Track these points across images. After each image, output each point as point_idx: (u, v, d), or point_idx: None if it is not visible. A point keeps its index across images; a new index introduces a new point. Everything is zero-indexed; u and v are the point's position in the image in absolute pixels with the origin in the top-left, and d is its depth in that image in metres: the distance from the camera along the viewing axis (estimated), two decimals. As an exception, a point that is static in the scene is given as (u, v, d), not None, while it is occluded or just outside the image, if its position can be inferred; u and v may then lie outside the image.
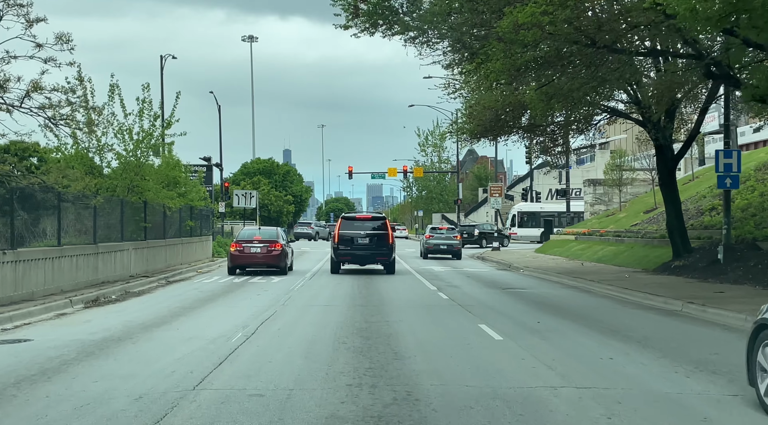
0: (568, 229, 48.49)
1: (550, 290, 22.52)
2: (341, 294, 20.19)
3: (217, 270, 31.00)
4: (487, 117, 25.50)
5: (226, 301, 18.75)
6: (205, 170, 46.24)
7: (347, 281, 25.44)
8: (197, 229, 34.02)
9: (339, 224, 29.40)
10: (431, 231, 47.62)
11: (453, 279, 26.79)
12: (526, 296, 20.26)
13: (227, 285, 23.53)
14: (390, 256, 29.00)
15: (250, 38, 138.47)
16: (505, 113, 25.03)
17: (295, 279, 26.11)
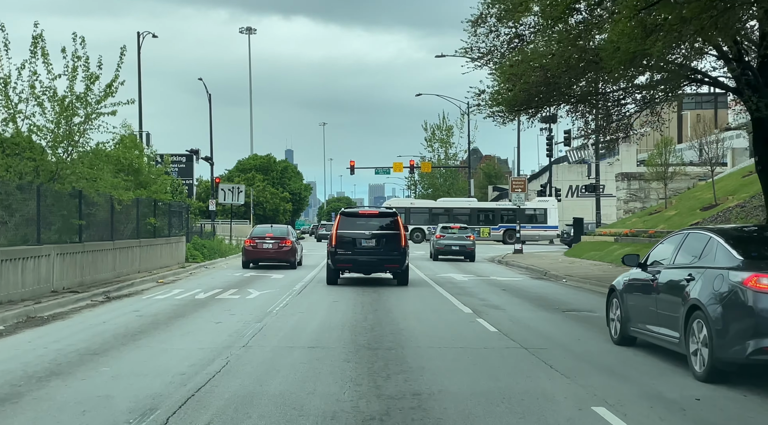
0: (604, 229, 42.14)
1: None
2: (337, 324, 13.86)
3: (184, 280, 24.69)
4: (534, 79, 19.14)
5: (160, 337, 12.40)
6: (184, 161, 39.97)
7: (347, 297, 19.14)
8: (164, 228, 27.73)
9: (337, 222, 23.08)
10: (442, 230, 41.60)
11: (486, 294, 20.46)
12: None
13: (182, 305, 17.22)
14: (402, 263, 22.70)
15: (248, 30, 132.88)
16: (559, 74, 18.64)
17: (280, 293, 19.83)
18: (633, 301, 11.13)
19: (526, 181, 47.08)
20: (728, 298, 8.64)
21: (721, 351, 8.57)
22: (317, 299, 18.79)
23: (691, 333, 9.14)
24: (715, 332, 8.62)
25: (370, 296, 19.37)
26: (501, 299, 19.00)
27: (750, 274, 8.48)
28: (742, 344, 8.38)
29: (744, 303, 8.43)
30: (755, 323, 8.28)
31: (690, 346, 9.17)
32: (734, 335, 8.47)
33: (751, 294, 8.36)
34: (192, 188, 40.20)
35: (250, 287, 21.69)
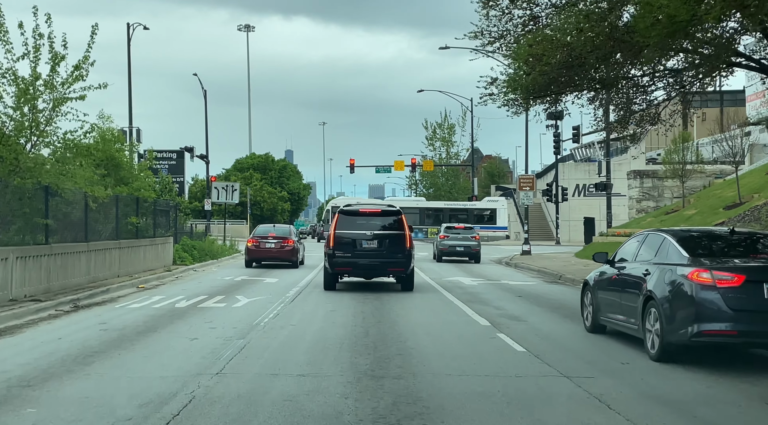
0: (618, 229, 40.03)
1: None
2: (333, 341, 11.72)
3: (168, 285, 22.56)
4: (556, 61, 17.02)
5: (119, 360, 10.26)
6: (174, 158, 37.84)
7: (345, 306, 17.02)
8: (148, 228, 25.60)
9: (335, 221, 20.95)
10: (446, 231, 39.58)
11: (501, 301, 18.34)
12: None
13: (157, 316, 15.09)
14: (408, 266, 20.58)
15: (246, 28, 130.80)
16: (584, 53, 16.52)
17: (270, 300, 17.72)
18: (602, 294, 12.51)
19: (534, 178, 44.99)
20: (675, 289, 9.96)
21: (669, 334, 9.86)
22: (312, 308, 16.66)
23: (647, 319, 10.44)
24: (665, 318, 9.93)
25: (372, 304, 17.25)
26: (519, 308, 16.87)
27: (693, 269, 9.78)
28: (686, 328, 9.64)
29: (688, 294, 9.74)
30: (696, 310, 9.57)
31: (645, 331, 10.50)
32: (680, 321, 9.75)
33: (693, 286, 9.66)
34: (183, 185, 38.05)
35: (239, 294, 19.58)
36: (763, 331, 9.40)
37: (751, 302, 9.38)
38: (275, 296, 19.10)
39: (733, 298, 9.41)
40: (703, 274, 9.61)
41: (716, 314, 9.42)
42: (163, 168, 37.29)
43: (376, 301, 18.04)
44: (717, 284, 9.49)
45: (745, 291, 9.41)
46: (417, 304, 17.59)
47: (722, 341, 9.65)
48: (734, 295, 9.41)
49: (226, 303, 17.26)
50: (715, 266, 9.72)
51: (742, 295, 9.41)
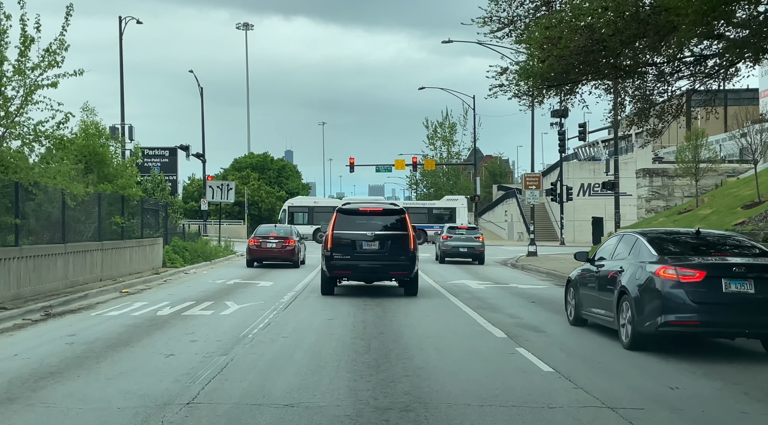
0: (627, 230, 38.43)
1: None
2: (330, 358, 10.19)
3: (154, 289, 21.05)
4: (576, 44, 15.50)
5: (77, 383, 8.74)
6: (167, 155, 36.31)
7: (344, 313, 15.50)
8: (134, 229, 24.07)
9: (334, 221, 19.43)
10: (449, 231, 38.11)
11: (514, 308, 16.82)
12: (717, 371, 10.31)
13: (135, 326, 13.57)
14: (411, 269, 19.08)
15: (245, 26, 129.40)
16: (606, 35, 15.00)
17: (263, 307, 16.22)
18: (583, 289, 13.42)
19: (541, 177, 43.46)
20: (645, 285, 10.85)
21: (640, 325, 10.76)
22: (307, 316, 15.14)
23: (621, 312, 11.37)
24: (635, 310, 10.84)
25: (373, 312, 15.75)
26: (535, 316, 15.36)
27: (660, 266, 10.68)
28: (654, 319, 10.54)
29: (655, 288, 10.63)
30: (663, 303, 10.46)
31: (619, 322, 11.41)
32: (648, 312, 10.64)
33: (660, 281, 10.57)
34: (176, 184, 36.53)
35: (229, 299, 18.08)
36: (721, 321, 10.39)
37: (711, 296, 10.35)
38: (268, 302, 17.59)
39: (695, 292, 10.38)
40: (669, 271, 10.60)
41: (680, 306, 10.41)
42: (156, 166, 35.78)
43: (377, 308, 16.54)
44: (681, 279, 10.47)
45: (706, 286, 10.37)
46: (422, 311, 16.07)
47: (686, 330, 10.64)
48: (696, 289, 10.38)
49: (214, 311, 15.75)
50: (679, 264, 10.66)
51: (703, 289, 10.37)
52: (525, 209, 73.04)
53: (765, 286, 10.35)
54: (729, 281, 10.37)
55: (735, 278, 10.36)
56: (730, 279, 10.37)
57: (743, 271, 10.44)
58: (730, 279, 10.37)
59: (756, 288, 10.30)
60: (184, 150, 58.31)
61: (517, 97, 19.10)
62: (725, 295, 10.33)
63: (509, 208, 79.63)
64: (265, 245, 30.19)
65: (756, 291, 10.30)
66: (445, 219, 62.49)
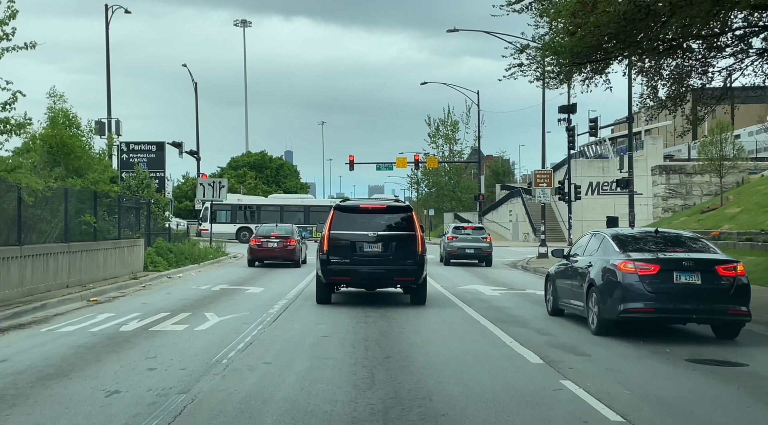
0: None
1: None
2: (322, 397, 7.77)
3: (128, 297, 18.66)
4: (615, 11, 13.08)
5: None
6: (154, 150, 33.89)
7: (342, 328, 13.10)
8: (109, 229, 21.65)
9: (330, 220, 17.04)
10: (455, 231, 35.78)
11: (540, 321, 14.42)
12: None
13: (87, 347, 11.18)
14: (419, 275, 16.71)
15: (243, 23, 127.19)
16: (651, 2, 12.59)
17: (248, 320, 13.84)
18: (560, 282, 14.69)
19: (552, 174, 41.06)
20: (608, 277, 12.33)
21: (603, 313, 12.29)
22: (298, 331, 12.74)
23: (589, 302, 12.88)
24: (600, 300, 12.38)
25: (377, 326, 13.37)
26: (567, 332, 12.95)
27: (621, 261, 12.16)
28: (616, 307, 12.00)
29: (617, 280, 12.09)
30: (623, 293, 11.95)
31: (589, 311, 12.92)
32: (611, 301, 12.12)
33: (621, 274, 12.04)
34: (163, 181, 34.13)
35: (211, 309, 15.70)
36: (672, 308, 11.67)
37: (664, 286, 11.66)
38: (255, 312, 15.20)
39: (650, 283, 11.68)
40: (629, 265, 11.89)
41: (638, 295, 11.71)
42: (141, 162, 33.38)
43: (381, 321, 14.15)
44: (639, 272, 11.75)
45: (660, 278, 11.68)
46: (435, 325, 13.67)
47: (643, 316, 11.83)
48: (651, 281, 11.68)
49: (189, 325, 13.36)
50: (637, 258, 11.96)
51: (657, 281, 11.68)
52: (531, 208, 70.62)
53: (709, 278, 11.76)
54: (679, 273, 11.77)
55: (684, 271, 11.78)
56: (681, 272, 11.78)
57: (691, 265, 11.84)
58: (680, 272, 11.78)
59: (702, 280, 11.74)
60: (177, 147, 55.82)
61: (539, 80, 16.72)
62: (676, 286, 11.72)
63: (514, 207, 77.24)
64: (266, 245, 30.14)
65: (702, 282, 11.74)
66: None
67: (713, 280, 11.75)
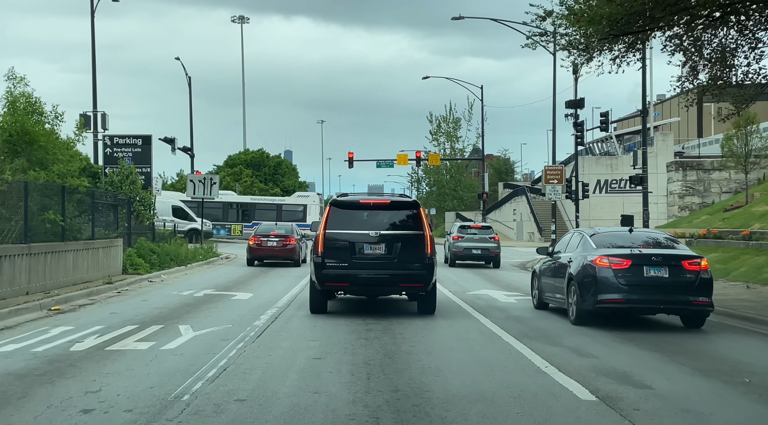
0: (668, 229, 33.86)
1: None
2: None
3: (98, 304, 16.46)
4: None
5: None
6: (140, 144, 31.66)
7: (338, 348, 10.89)
8: (80, 228, 19.42)
9: (326, 217, 14.82)
10: (461, 231, 33.59)
11: (574, 336, 12.21)
12: None
13: (20, 373, 8.98)
14: (429, 280, 14.51)
15: (240, 19, 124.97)
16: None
17: (227, 335, 11.65)
18: (544, 278, 15.87)
19: (563, 170, 38.83)
20: (586, 271, 13.32)
21: (581, 304, 13.25)
22: (286, 352, 10.54)
23: (569, 295, 13.80)
24: (578, 292, 13.34)
25: (380, 344, 11.18)
26: (613, 352, 10.75)
27: (597, 256, 13.17)
28: (592, 299, 13.02)
29: (593, 274, 13.10)
30: (598, 286, 12.97)
31: (568, 303, 13.84)
32: (587, 293, 13.12)
33: (597, 268, 13.06)
34: (150, 177, 31.91)
35: (187, 321, 13.52)
36: (642, 300, 12.89)
37: (635, 279, 12.88)
38: (238, 325, 13.01)
39: (622, 276, 12.91)
40: (604, 260, 13.10)
41: (611, 288, 12.92)
42: (126, 157, 31.15)
43: (385, 336, 11.96)
44: (612, 266, 12.98)
45: (631, 272, 12.91)
46: (449, 343, 11.47)
47: (616, 307, 13.00)
48: (623, 274, 12.92)
49: (155, 342, 11.15)
50: (611, 254, 13.16)
51: (629, 274, 12.91)
52: (536, 206, 68.36)
53: (676, 272, 12.81)
54: (649, 268, 12.78)
55: (654, 265, 12.79)
56: (650, 266, 12.79)
57: (660, 260, 12.89)
58: (650, 266, 12.79)
59: (669, 273, 12.79)
60: (169, 143, 53.63)
61: (566, 50, 14.50)
62: (646, 279, 12.75)
63: (518, 206, 75.01)
64: (265, 244, 29.67)
65: (669, 276, 12.77)
66: (296, 217, 58.36)
67: (679, 274, 12.85)
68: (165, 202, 49.56)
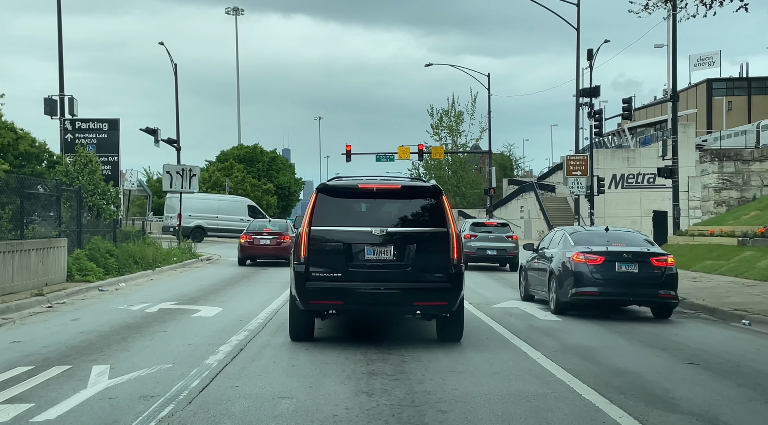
0: (700, 227, 29.79)
1: None
2: None
3: (8, 327, 12.30)
4: None
5: None
6: (105, 129, 27.47)
7: (327, 410, 6.71)
8: (1, 224, 15.22)
9: (311, 209, 10.64)
10: (473, 229, 29.47)
11: (685, 386, 8.11)
12: None
13: None
14: (455, 297, 10.39)
15: (235, 11, 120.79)
16: None
17: (166, 379, 7.54)
18: (530, 272, 17.01)
19: (588, 160, 34.59)
20: (564, 266, 14.58)
21: (560, 296, 14.56)
22: (245, 409, 6.40)
23: (550, 287, 15.06)
24: (557, 285, 14.66)
25: (390, 400, 7.15)
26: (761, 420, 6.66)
27: (574, 253, 14.46)
28: (569, 291, 14.28)
29: (571, 269, 14.35)
30: (575, 279, 14.21)
31: (549, 296, 15.13)
32: (566, 286, 14.39)
33: (574, 264, 14.32)
34: (117, 167, 27.79)
35: (111, 356, 9.44)
36: (614, 292, 14.12)
37: (608, 274, 14.10)
38: (180, 365, 8.90)
39: (596, 271, 14.14)
40: (580, 256, 14.32)
41: (586, 281, 14.13)
42: (90, 144, 27.05)
43: (396, 386, 7.85)
44: (587, 262, 14.21)
45: (604, 267, 14.13)
46: (497, 402, 7.30)
47: (590, 299, 14.24)
48: (597, 269, 14.15)
49: (32, 405, 7.08)
50: (587, 251, 14.39)
51: (602, 269, 14.13)
52: (546, 203, 64.16)
53: (645, 267, 14.21)
54: (620, 263, 14.21)
55: (624, 261, 14.22)
56: (621, 262, 14.22)
57: (630, 257, 14.29)
58: (621, 262, 14.22)
59: (638, 269, 14.21)
60: (152, 134, 49.53)
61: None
62: (617, 274, 14.17)
63: (526, 203, 70.85)
64: (258, 242, 27.90)
65: (638, 271, 14.18)
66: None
67: (648, 269, 14.11)
68: (242, 201, 52.80)
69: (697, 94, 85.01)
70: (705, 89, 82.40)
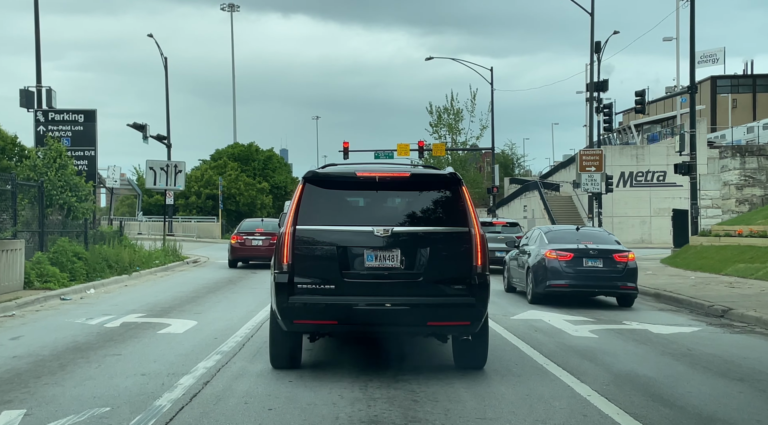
0: (727, 226, 27.62)
1: None
2: None
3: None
4: None
5: None
6: (81, 121, 25.22)
7: None
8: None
9: (297, 203, 8.41)
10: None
11: (747, 414, 5.87)
12: None
13: None
14: (480, 315, 8.19)
15: (230, 7, 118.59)
16: None
17: None
18: (512, 267, 18.61)
19: (602, 155, 32.42)
20: (538, 262, 16.23)
21: (535, 288, 16.17)
22: None
23: (528, 280, 16.57)
24: (533, 279, 16.26)
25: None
26: None
27: (547, 250, 16.11)
28: (543, 284, 15.97)
29: (544, 264, 16.04)
30: (547, 273, 15.90)
31: (527, 288, 16.64)
32: (540, 280, 16.07)
33: (547, 260, 15.99)
34: (95, 162, 25.56)
35: (35, 395, 7.28)
36: (581, 285, 15.85)
37: (576, 268, 15.82)
38: (121, 408, 6.74)
39: (566, 266, 15.84)
40: (552, 253, 15.97)
41: (558, 275, 15.81)
42: (65, 137, 24.86)
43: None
44: (559, 258, 15.88)
45: (573, 262, 15.85)
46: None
47: (561, 290, 15.87)
48: (567, 264, 15.84)
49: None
50: (558, 248, 16.11)
51: (572, 264, 15.84)
52: (552, 202, 61.92)
53: (608, 263, 15.84)
54: (587, 259, 15.87)
55: (591, 257, 15.87)
56: (588, 258, 15.87)
57: (596, 253, 15.92)
58: (588, 258, 15.87)
59: (603, 264, 15.85)
60: (140, 129, 47.37)
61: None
62: (585, 268, 15.86)
63: (529, 202, 68.57)
64: (249, 243, 26.86)
65: (603, 266, 15.84)
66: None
67: (611, 264, 15.91)
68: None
69: (701, 91, 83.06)
70: (709, 86, 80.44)
